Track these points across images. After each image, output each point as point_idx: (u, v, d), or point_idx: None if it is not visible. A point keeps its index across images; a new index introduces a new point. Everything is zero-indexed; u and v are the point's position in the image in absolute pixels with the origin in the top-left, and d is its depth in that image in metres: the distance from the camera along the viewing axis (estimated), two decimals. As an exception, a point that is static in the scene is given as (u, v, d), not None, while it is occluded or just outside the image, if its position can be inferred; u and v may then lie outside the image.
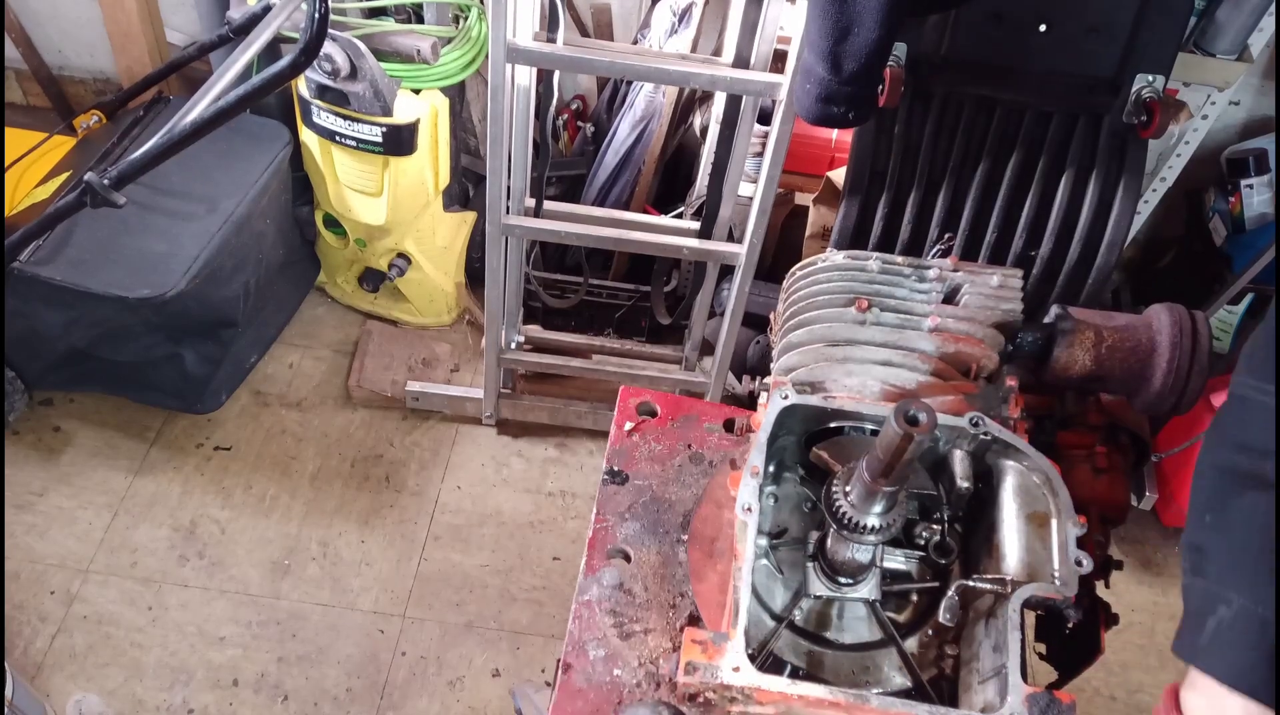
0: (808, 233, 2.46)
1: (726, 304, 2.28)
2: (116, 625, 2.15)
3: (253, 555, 2.30)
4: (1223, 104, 2.35)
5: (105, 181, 1.73)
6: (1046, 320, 1.01)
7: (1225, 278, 2.48)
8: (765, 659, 0.87)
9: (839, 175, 2.36)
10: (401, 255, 2.61)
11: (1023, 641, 0.79)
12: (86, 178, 1.73)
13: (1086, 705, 2.25)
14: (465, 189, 2.77)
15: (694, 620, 0.95)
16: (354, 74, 2.11)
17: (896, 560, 0.89)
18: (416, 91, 2.25)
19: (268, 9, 1.84)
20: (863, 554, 0.86)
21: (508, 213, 2.12)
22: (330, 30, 1.87)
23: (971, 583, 0.83)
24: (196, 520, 2.34)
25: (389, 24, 2.19)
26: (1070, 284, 1.84)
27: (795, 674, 0.87)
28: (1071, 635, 0.95)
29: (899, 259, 1.06)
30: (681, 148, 2.63)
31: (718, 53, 2.25)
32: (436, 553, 2.36)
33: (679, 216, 2.51)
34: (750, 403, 2.50)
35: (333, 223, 2.62)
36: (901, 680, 0.87)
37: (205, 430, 2.51)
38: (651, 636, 0.94)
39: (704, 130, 2.51)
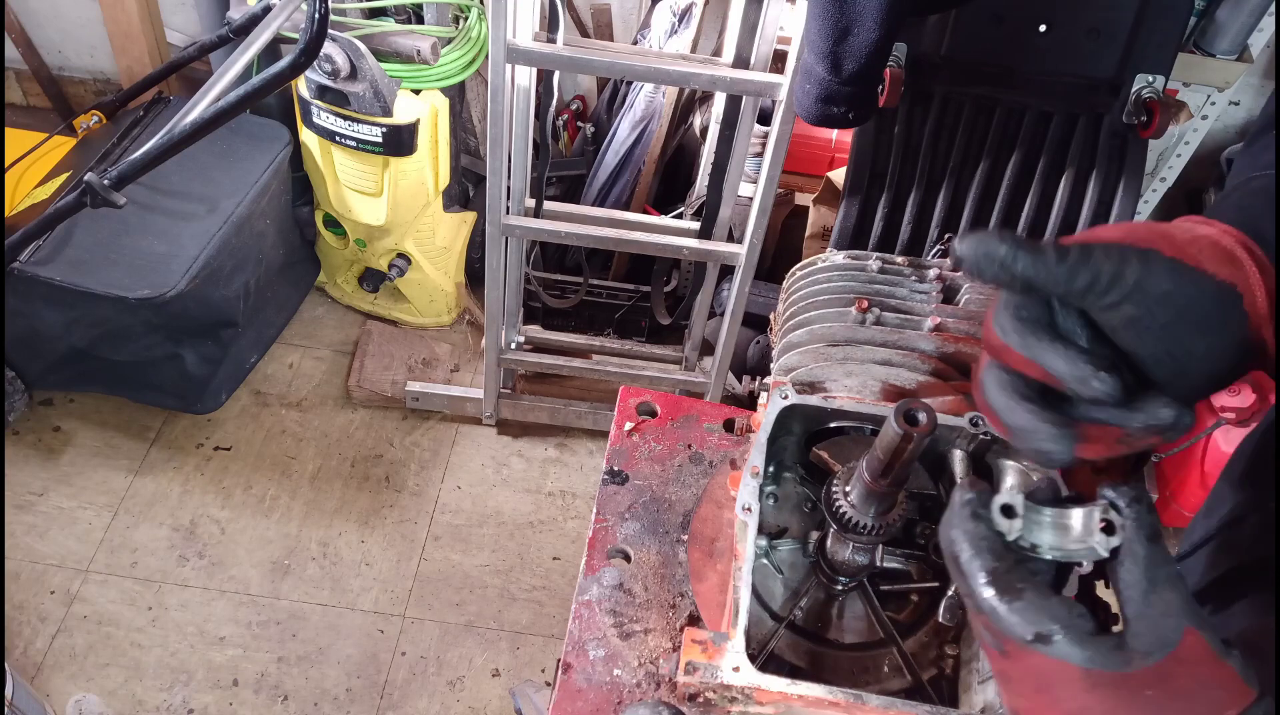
0: (808, 233, 2.46)
1: (726, 304, 2.28)
2: (116, 625, 2.15)
3: (253, 555, 2.30)
4: (1223, 104, 2.35)
5: (105, 182, 1.73)
6: (1046, 320, 1.01)
7: (1225, 278, 2.47)
8: (765, 659, 0.87)
9: (839, 175, 2.36)
10: (401, 255, 2.61)
11: (1022, 641, 0.78)
12: (87, 178, 1.73)
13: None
14: (465, 189, 2.77)
15: (694, 620, 0.95)
16: (354, 74, 2.11)
17: (896, 560, 0.89)
18: (416, 92, 2.25)
19: (268, 9, 1.84)
20: (862, 554, 0.86)
21: (508, 213, 2.12)
22: (330, 30, 1.87)
23: (971, 583, 0.83)
24: (196, 520, 2.34)
25: (389, 24, 2.19)
26: (1070, 284, 1.83)
27: (795, 674, 0.87)
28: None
29: (899, 259, 1.06)
30: (681, 148, 2.63)
31: (718, 53, 2.25)
32: (436, 553, 2.36)
33: (679, 216, 2.51)
34: (750, 403, 2.50)
35: (333, 223, 2.62)
36: (901, 680, 0.87)
37: (205, 430, 2.51)
38: (651, 636, 0.94)
39: (704, 130, 2.51)
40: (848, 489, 0.83)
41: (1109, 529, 0.53)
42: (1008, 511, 0.55)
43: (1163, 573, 0.49)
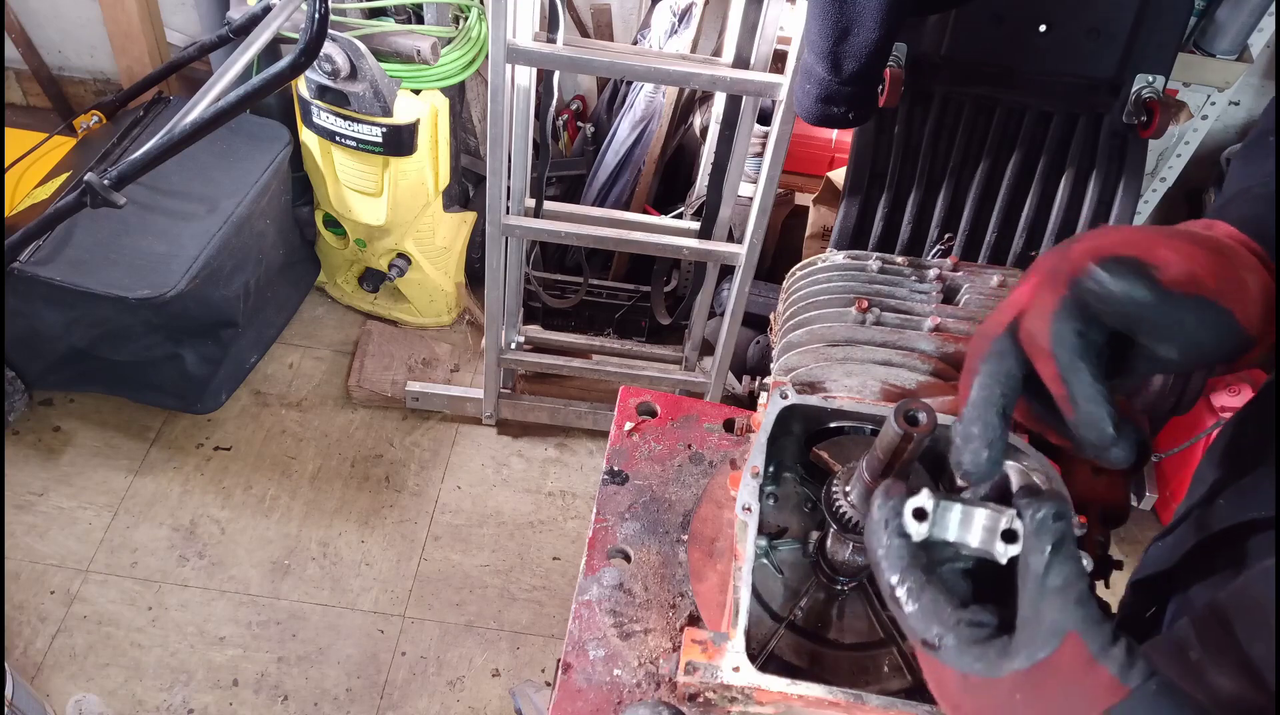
0: (808, 233, 2.46)
1: (726, 304, 2.28)
2: (116, 625, 2.15)
3: (253, 555, 2.30)
4: (1223, 104, 2.35)
5: (105, 182, 1.73)
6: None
7: (1225, 278, 2.47)
8: (765, 659, 0.87)
9: (839, 175, 2.36)
10: (401, 255, 2.61)
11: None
12: (87, 178, 1.73)
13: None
14: (465, 189, 2.77)
15: (694, 620, 0.95)
16: (354, 74, 2.11)
17: (896, 560, 0.89)
18: (416, 92, 2.25)
19: (268, 9, 1.84)
20: (862, 554, 0.86)
21: (508, 213, 2.12)
22: (330, 30, 1.87)
23: (971, 582, 0.83)
24: (196, 520, 2.34)
25: (389, 24, 2.19)
26: (1070, 284, 1.83)
27: (795, 674, 0.87)
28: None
29: (899, 259, 1.06)
30: (681, 148, 2.63)
31: (718, 53, 2.25)
32: (436, 553, 2.36)
33: (679, 216, 2.51)
34: (750, 403, 2.50)
35: (333, 223, 2.62)
36: (901, 680, 0.87)
37: (205, 430, 2.51)
38: (651, 636, 0.94)
39: (704, 130, 2.51)
40: (848, 489, 0.83)
41: (1010, 537, 0.54)
42: (919, 515, 0.56)
43: (1055, 581, 0.50)
